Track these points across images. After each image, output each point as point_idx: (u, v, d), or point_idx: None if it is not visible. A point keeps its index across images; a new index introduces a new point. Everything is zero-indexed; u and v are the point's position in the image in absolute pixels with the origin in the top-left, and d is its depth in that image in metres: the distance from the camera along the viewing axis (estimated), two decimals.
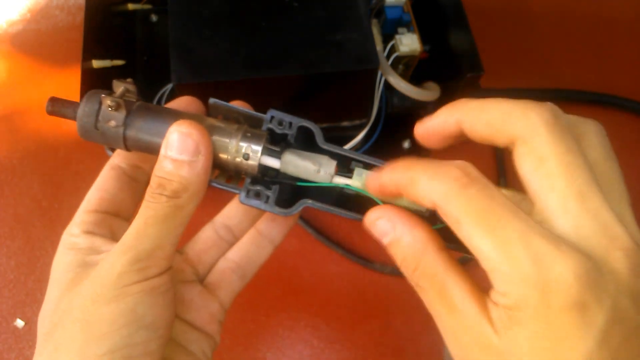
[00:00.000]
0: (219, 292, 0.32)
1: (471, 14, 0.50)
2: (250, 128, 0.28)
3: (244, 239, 0.33)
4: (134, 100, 0.27)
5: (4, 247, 0.57)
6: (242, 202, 0.28)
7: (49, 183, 0.60)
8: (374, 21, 0.52)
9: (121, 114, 0.26)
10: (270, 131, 0.28)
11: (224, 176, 0.29)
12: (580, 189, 0.21)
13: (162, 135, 0.26)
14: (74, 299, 0.25)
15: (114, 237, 0.29)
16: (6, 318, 0.54)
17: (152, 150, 0.27)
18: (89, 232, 0.28)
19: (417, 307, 0.23)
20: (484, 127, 0.23)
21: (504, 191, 0.31)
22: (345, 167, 0.29)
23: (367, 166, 0.28)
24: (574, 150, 0.21)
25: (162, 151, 0.25)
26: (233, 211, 0.33)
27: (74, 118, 0.27)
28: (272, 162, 0.27)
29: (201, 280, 0.33)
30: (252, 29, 0.46)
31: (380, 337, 0.55)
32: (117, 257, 0.25)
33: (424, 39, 0.52)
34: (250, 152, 0.27)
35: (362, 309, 0.56)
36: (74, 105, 0.27)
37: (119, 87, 0.26)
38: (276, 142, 0.28)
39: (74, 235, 0.28)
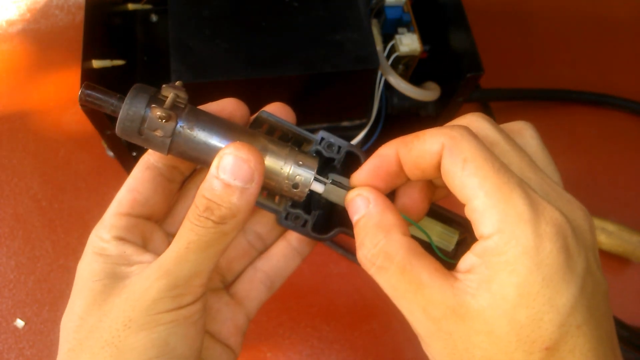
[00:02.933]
0: (246, 303, 0.31)
1: (471, 14, 0.50)
2: (300, 152, 0.27)
3: (274, 249, 0.32)
4: (183, 105, 0.25)
5: (4, 247, 0.57)
6: (279, 224, 0.28)
7: (49, 183, 0.60)
8: (374, 21, 0.52)
9: (170, 125, 0.24)
10: (318, 153, 0.28)
11: (260, 191, 0.28)
12: (530, 163, 0.23)
13: (211, 148, 0.25)
14: (103, 319, 0.24)
15: (146, 243, 0.28)
16: (6, 318, 0.54)
17: (197, 161, 0.26)
18: (120, 239, 0.26)
19: None
20: (417, 152, 0.23)
21: None
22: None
23: None
24: (511, 137, 0.23)
25: (213, 171, 0.23)
26: (265, 218, 0.32)
27: (111, 112, 0.25)
28: (318, 188, 0.27)
29: (227, 287, 0.32)
30: (252, 29, 0.46)
31: (380, 337, 0.55)
32: (153, 281, 0.24)
33: (424, 39, 0.52)
34: (301, 182, 0.26)
35: (362, 309, 0.56)
36: (113, 97, 0.24)
37: (168, 92, 0.24)
38: (320, 164, 0.28)
39: (104, 240, 0.26)
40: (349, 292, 0.56)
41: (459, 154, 0.21)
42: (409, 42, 0.51)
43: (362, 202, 0.25)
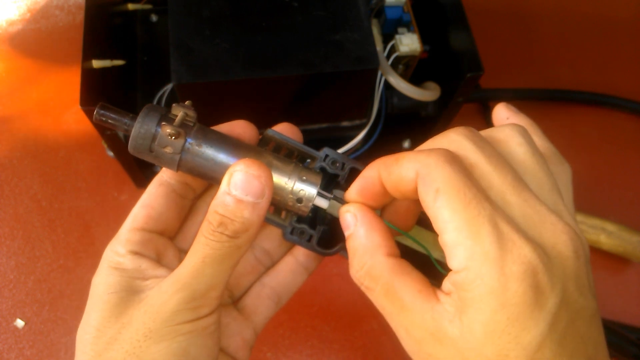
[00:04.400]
0: (253, 318, 0.32)
1: (471, 14, 0.50)
2: (304, 168, 0.28)
3: (281, 265, 0.33)
4: (192, 124, 0.26)
5: (4, 247, 0.57)
6: (285, 239, 0.28)
7: (49, 183, 0.60)
8: (374, 21, 0.52)
9: (179, 142, 0.25)
10: (322, 169, 0.28)
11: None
12: (513, 183, 0.22)
13: (219, 165, 0.26)
14: (123, 331, 0.25)
15: (159, 258, 0.28)
16: (6, 318, 0.54)
17: (205, 178, 0.27)
18: (136, 253, 0.27)
19: None
20: (396, 177, 0.24)
21: None
22: None
23: None
24: (496, 154, 0.23)
25: (225, 187, 0.24)
26: (272, 234, 0.32)
27: (124, 131, 0.26)
28: (322, 204, 0.28)
29: (234, 302, 0.32)
30: (252, 29, 0.46)
31: (380, 337, 0.55)
32: (172, 293, 0.25)
33: (424, 39, 0.52)
34: (304, 197, 0.27)
35: (362, 309, 0.56)
36: (125, 117, 0.26)
37: (178, 111, 0.26)
38: (326, 182, 0.28)
39: (120, 254, 0.27)
40: (349, 292, 0.56)
41: (431, 184, 0.21)
42: (409, 42, 0.51)
43: (351, 219, 0.26)
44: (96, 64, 0.46)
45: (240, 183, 0.24)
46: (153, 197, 0.28)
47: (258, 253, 0.32)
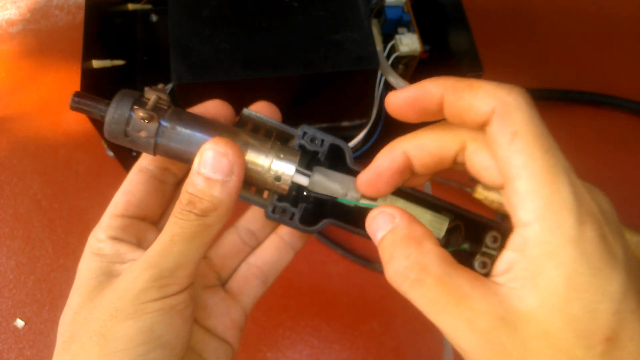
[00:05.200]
0: (241, 298, 0.32)
1: (471, 14, 0.50)
2: (282, 146, 0.27)
3: (266, 244, 0.33)
4: (165, 107, 0.26)
5: (4, 247, 0.57)
6: (267, 218, 0.28)
7: (49, 183, 0.60)
8: (374, 21, 0.52)
9: (153, 125, 0.25)
10: (302, 147, 0.28)
11: (248, 186, 0.29)
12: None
13: (194, 146, 0.26)
14: (93, 311, 0.25)
15: (140, 243, 0.29)
16: (6, 318, 0.54)
17: (183, 160, 0.27)
18: (115, 238, 0.28)
19: (417, 307, 0.23)
20: (465, 104, 0.22)
21: None
22: None
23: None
24: (540, 123, 0.21)
25: (195, 166, 0.25)
26: (256, 215, 0.33)
27: (99, 117, 0.26)
28: (302, 181, 0.27)
29: (223, 284, 0.32)
30: (252, 29, 0.46)
31: (380, 337, 0.55)
32: (139, 272, 0.25)
33: (424, 39, 0.52)
34: (282, 175, 0.27)
35: (362, 309, 0.56)
36: (101, 103, 0.26)
37: (151, 94, 0.26)
38: (306, 159, 0.28)
39: (100, 240, 0.27)
40: (349, 292, 0.56)
41: (509, 125, 0.20)
42: (409, 42, 0.51)
43: (385, 218, 0.24)
44: (96, 64, 0.46)
45: (209, 161, 0.24)
46: (133, 184, 0.29)
47: (243, 234, 0.33)
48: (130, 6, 0.58)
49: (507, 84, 0.21)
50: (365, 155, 0.55)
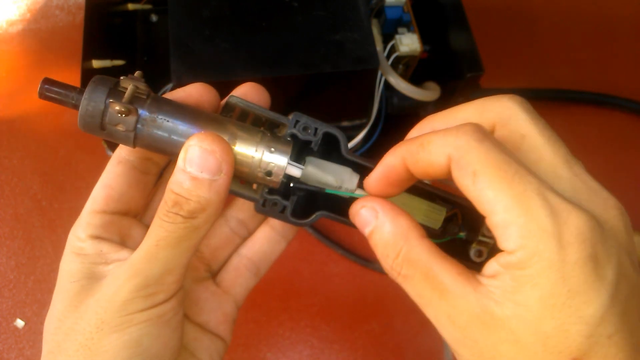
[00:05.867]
0: (233, 290, 0.31)
1: (471, 14, 0.50)
2: (273, 137, 0.26)
3: (257, 234, 0.32)
4: (144, 96, 0.24)
5: (4, 247, 0.57)
6: (257, 212, 0.27)
7: (49, 183, 0.60)
8: (374, 21, 0.52)
9: (132, 119, 0.23)
10: (294, 136, 0.26)
11: (237, 180, 0.27)
12: (566, 157, 0.22)
13: (177, 138, 0.24)
14: (79, 321, 0.24)
15: (124, 240, 0.27)
16: (6, 318, 0.54)
17: (165, 153, 0.25)
18: (97, 237, 0.26)
19: (417, 307, 0.23)
20: (424, 164, 0.22)
21: None
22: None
23: None
24: (549, 127, 0.22)
25: (180, 164, 0.23)
26: (246, 204, 0.31)
27: (72, 107, 0.24)
28: (294, 173, 0.26)
29: (214, 276, 0.31)
30: (252, 29, 0.46)
31: (380, 337, 0.55)
32: (123, 281, 0.24)
33: (424, 39, 0.52)
34: (274, 169, 0.25)
35: (362, 309, 0.56)
36: (72, 91, 0.24)
37: (127, 83, 0.24)
38: (297, 147, 0.26)
39: (80, 239, 0.26)
40: (349, 292, 0.56)
41: (467, 167, 0.20)
42: (409, 42, 0.51)
43: (369, 214, 0.24)
44: (96, 64, 0.46)
45: (196, 159, 0.23)
46: (112, 177, 0.27)
47: (233, 224, 0.31)
48: (130, 6, 0.58)
49: (456, 127, 0.21)
50: (366, 155, 0.55)
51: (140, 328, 0.23)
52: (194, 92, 0.27)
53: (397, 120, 0.55)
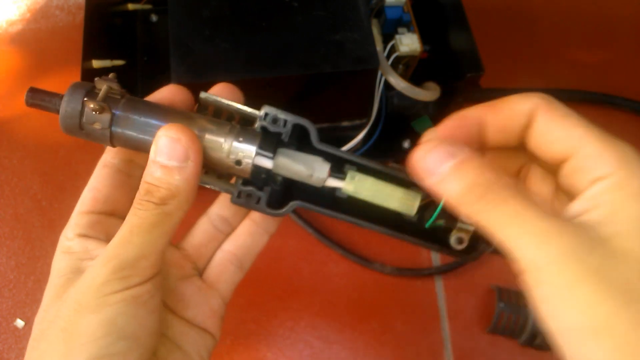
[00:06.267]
0: (218, 285, 0.32)
1: (471, 14, 0.50)
2: (242, 128, 0.27)
3: (239, 229, 0.33)
4: (119, 97, 0.26)
5: (4, 247, 0.57)
6: (232, 203, 0.28)
7: (49, 183, 0.60)
8: (374, 21, 0.52)
9: (106, 116, 0.25)
10: (264, 129, 0.27)
11: (214, 174, 0.28)
12: None
13: (150, 134, 0.25)
14: (60, 308, 0.25)
15: (109, 238, 0.28)
16: (6, 318, 0.54)
17: (142, 150, 0.26)
18: (83, 235, 0.27)
19: (417, 307, 0.23)
20: (507, 114, 0.24)
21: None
22: (339, 168, 0.28)
23: (361, 168, 0.28)
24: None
25: (152, 155, 0.25)
26: (227, 202, 0.32)
27: (56, 112, 0.26)
28: (265, 164, 0.26)
29: (200, 274, 0.32)
30: (252, 29, 0.46)
31: (380, 337, 0.55)
32: (100, 266, 0.25)
33: (424, 39, 0.52)
34: (243, 158, 0.26)
35: (362, 309, 0.56)
36: (55, 97, 0.26)
37: (101, 84, 0.25)
38: (269, 140, 0.27)
39: (69, 239, 0.27)
40: (349, 292, 0.56)
41: (557, 110, 0.23)
42: (409, 42, 0.51)
43: (448, 150, 0.22)
44: (96, 64, 0.46)
45: (163, 148, 0.24)
46: (98, 180, 0.29)
47: (216, 222, 0.32)
48: (130, 6, 0.58)
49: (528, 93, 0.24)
50: (366, 155, 0.55)
51: (115, 308, 0.24)
52: (167, 94, 0.28)
53: (397, 120, 0.55)
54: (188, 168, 0.25)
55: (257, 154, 0.26)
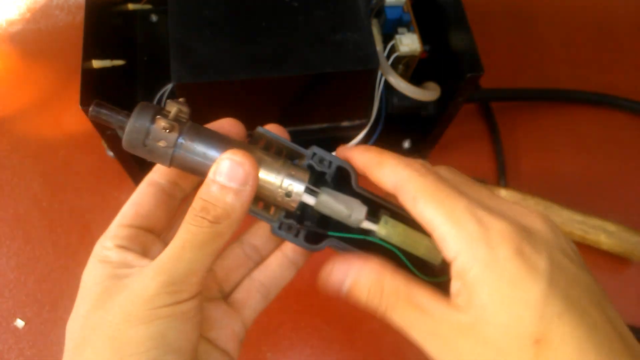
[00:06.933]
0: (243, 311, 0.32)
1: (471, 14, 0.50)
2: (293, 164, 0.28)
3: (270, 259, 0.34)
4: (185, 120, 0.27)
5: (4, 247, 0.57)
6: (273, 234, 0.29)
7: (49, 183, 0.60)
8: (374, 21, 0.52)
9: (173, 136, 0.26)
10: (310, 167, 0.29)
11: (256, 202, 0.29)
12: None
13: (210, 159, 0.26)
14: (105, 315, 0.25)
15: (146, 253, 0.29)
16: (6, 318, 0.54)
17: (196, 173, 0.27)
18: (122, 247, 0.28)
19: None
20: (377, 179, 0.27)
21: (503, 191, 0.35)
22: (374, 212, 0.29)
23: (395, 215, 0.29)
24: (436, 180, 0.26)
25: (211, 175, 0.26)
26: (261, 231, 0.33)
27: (118, 127, 0.27)
28: (310, 201, 0.28)
29: (225, 297, 0.33)
30: (252, 29, 0.46)
31: (380, 337, 0.55)
32: (151, 278, 0.25)
33: (424, 39, 0.52)
34: (293, 191, 0.28)
35: (362, 309, 0.56)
36: (120, 114, 0.27)
37: (172, 107, 0.27)
38: (313, 179, 0.29)
39: (107, 248, 0.28)
40: None
41: (408, 194, 0.25)
42: (409, 42, 0.51)
43: (341, 270, 0.28)
44: (96, 64, 0.46)
45: (225, 170, 0.25)
46: (142, 196, 0.29)
47: (247, 249, 0.33)
48: (130, 6, 0.58)
49: (407, 160, 0.26)
50: None
51: (165, 322, 0.25)
52: (225, 125, 0.30)
53: (397, 120, 0.55)
54: (245, 192, 0.26)
55: (307, 189, 0.28)
